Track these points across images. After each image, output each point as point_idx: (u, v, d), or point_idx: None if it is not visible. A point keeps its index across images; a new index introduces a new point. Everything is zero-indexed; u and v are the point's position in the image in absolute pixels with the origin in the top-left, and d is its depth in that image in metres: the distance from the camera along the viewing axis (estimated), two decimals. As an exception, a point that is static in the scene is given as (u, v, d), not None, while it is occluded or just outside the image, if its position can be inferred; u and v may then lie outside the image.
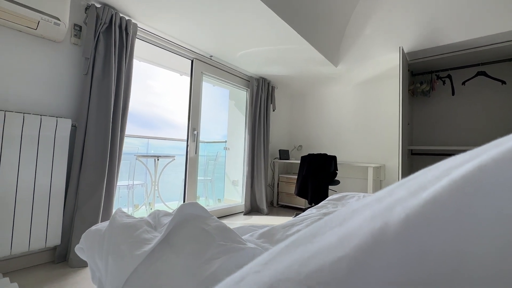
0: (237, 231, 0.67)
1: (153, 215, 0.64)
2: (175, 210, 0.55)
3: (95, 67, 1.84)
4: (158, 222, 0.60)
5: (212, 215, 0.58)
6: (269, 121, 3.64)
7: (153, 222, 0.59)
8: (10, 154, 1.50)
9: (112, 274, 0.44)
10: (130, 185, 2.73)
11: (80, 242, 0.61)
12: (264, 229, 0.61)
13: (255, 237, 0.58)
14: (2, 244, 1.47)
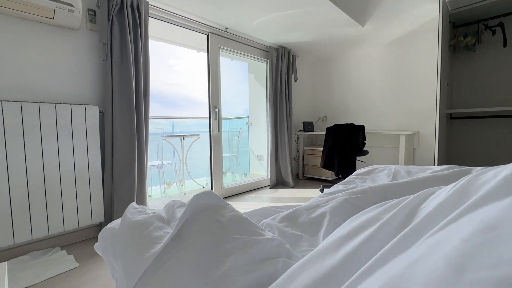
0: (260, 213, 0.66)
1: (168, 207, 0.63)
2: (188, 201, 0.54)
3: (113, 51, 1.86)
4: (172, 215, 0.59)
5: (228, 204, 0.57)
6: (291, 92, 3.50)
7: (167, 215, 0.59)
8: (50, 143, 1.62)
9: (121, 281, 0.45)
10: (160, 165, 2.88)
11: (98, 241, 0.64)
12: (287, 211, 0.59)
13: (277, 221, 0.57)
14: (56, 221, 1.66)
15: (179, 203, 0.63)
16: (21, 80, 1.59)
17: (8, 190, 1.49)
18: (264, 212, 0.67)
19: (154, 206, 2.61)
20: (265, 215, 0.64)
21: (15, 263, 1.51)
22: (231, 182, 3.51)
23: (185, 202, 0.62)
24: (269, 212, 0.66)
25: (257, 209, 0.69)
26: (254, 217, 0.63)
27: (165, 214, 0.59)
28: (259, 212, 0.67)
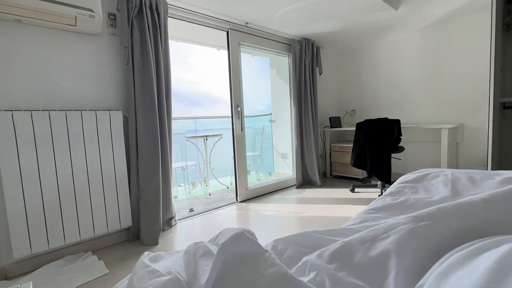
0: (298, 241, 0.55)
1: (188, 258, 0.51)
2: (217, 251, 0.44)
3: (134, 55, 1.84)
4: (193, 274, 0.48)
5: (267, 251, 0.45)
6: (316, 86, 3.32)
7: (187, 274, 0.48)
8: (77, 149, 1.64)
9: None
10: (184, 167, 2.87)
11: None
12: (336, 246, 0.47)
13: (324, 260, 0.45)
14: (87, 227, 1.69)
15: (203, 249, 0.52)
16: (47, 88, 1.61)
17: (41, 198, 1.53)
18: (303, 240, 0.55)
19: (180, 209, 2.61)
20: (306, 245, 0.53)
21: (52, 267, 1.55)
22: (256, 182, 3.43)
23: (210, 248, 0.52)
24: (309, 240, 0.55)
25: (294, 235, 0.58)
26: (292, 247, 0.52)
27: (185, 272, 0.49)
28: (297, 240, 0.56)
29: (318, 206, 2.47)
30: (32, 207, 1.50)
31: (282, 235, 0.61)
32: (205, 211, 2.49)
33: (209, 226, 2.12)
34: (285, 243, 0.54)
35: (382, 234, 0.48)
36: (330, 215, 2.22)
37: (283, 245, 0.53)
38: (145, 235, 1.85)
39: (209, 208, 2.55)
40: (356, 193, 2.84)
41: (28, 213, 1.50)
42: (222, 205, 2.65)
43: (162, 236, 1.96)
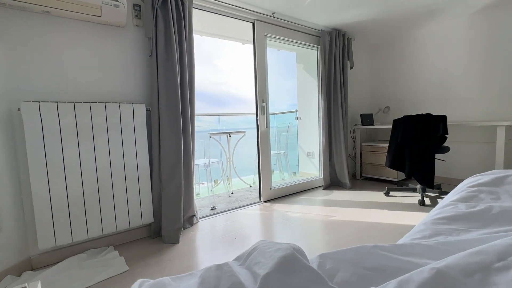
0: (358, 257, 0.40)
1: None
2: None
3: (158, 47, 1.79)
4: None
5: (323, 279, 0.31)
6: (346, 81, 3.09)
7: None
8: (101, 142, 1.62)
9: None
10: (207, 163, 2.81)
11: None
12: (422, 275, 0.31)
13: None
14: (109, 221, 1.67)
15: (229, 279, 0.37)
16: (73, 80, 1.61)
17: (65, 190, 1.53)
18: (361, 258, 0.40)
19: (202, 207, 2.55)
20: (366, 266, 0.37)
21: (75, 260, 1.54)
22: (280, 182, 3.28)
23: (241, 280, 0.38)
24: (370, 259, 0.40)
25: (347, 251, 0.43)
26: (345, 267, 0.37)
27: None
28: (352, 257, 0.41)
29: (349, 209, 2.27)
30: (57, 200, 1.50)
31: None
32: (228, 210, 2.40)
33: (232, 226, 2.02)
34: (335, 260, 0.40)
35: (497, 261, 0.32)
36: (364, 220, 2.01)
37: (333, 264, 0.39)
38: (166, 233, 1.79)
39: (231, 207, 2.46)
40: (392, 197, 2.58)
41: (53, 205, 1.50)
42: (244, 204, 2.54)
43: (183, 234, 1.89)
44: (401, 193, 2.69)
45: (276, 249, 0.37)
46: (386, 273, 0.36)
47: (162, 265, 1.49)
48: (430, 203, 2.33)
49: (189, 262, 1.52)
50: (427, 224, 0.56)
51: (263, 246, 0.40)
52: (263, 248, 0.39)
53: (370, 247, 0.43)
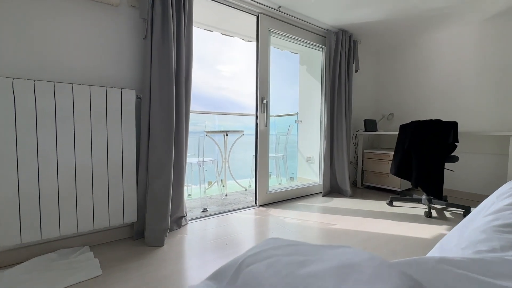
0: (421, 274, 0.27)
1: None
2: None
3: (153, 29, 1.64)
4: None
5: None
6: (351, 84, 2.97)
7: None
8: (82, 129, 1.45)
9: None
10: (201, 162, 2.64)
11: None
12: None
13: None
14: (86, 219, 1.49)
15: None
16: (55, 58, 1.45)
17: (37, 181, 1.35)
18: (428, 277, 0.26)
19: (193, 208, 2.37)
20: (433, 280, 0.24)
21: (43, 260, 1.35)
22: (277, 186, 3.12)
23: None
24: (442, 280, 0.25)
25: (401, 263, 0.28)
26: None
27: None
28: (415, 273, 0.26)
29: (351, 218, 2.11)
30: (26, 191, 1.32)
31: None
32: (220, 212, 2.22)
33: (224, 230, 1.85)
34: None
35: None
36: (367, 230, 1.85)
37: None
38: (150, 234, 1.61)
39: (224, 210, 2.28)
40: (395, 207, 2.43)
41: (22, 197, 1.31)
42: (239, 207, 2.37)
43: (169, 237, 1.71)
44: (405, 203, 2.53)
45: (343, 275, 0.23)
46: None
47: (142, 271, 1.30)
48: (437, 215, 2.18)
49: (173, 268, 1.34)
50: (487, 232, 0.42)
51: (282, 260, 0.25)
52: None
53: (433, 261, 0.28)
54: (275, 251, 0.30)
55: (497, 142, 2.51)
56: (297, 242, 0.35)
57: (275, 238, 0.36)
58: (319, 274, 0.22)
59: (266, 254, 0.30)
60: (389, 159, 2.91)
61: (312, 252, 0.28)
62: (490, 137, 2.56)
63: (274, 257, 0.27)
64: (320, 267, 0.24)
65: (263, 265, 0.26)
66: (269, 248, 0.31)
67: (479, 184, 2.65)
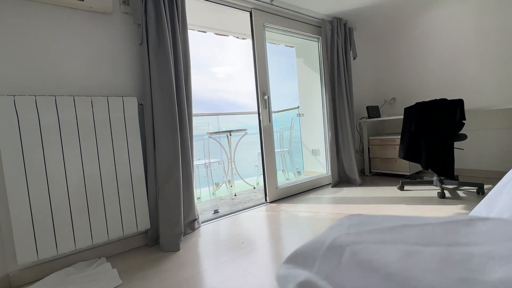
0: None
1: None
2: None
3: (149, 34, 1.63)
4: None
5: None
6: (350, 72, 2.94)
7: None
8: (87, 141, 1.44)
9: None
10: (207, 164, 2.63)
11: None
12: None
13: None
14: (100, 230, 1.48)
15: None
16: (54, 72, 1.44)
17: (48, 196, 1.34)
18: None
19: (204, 210, 2.36)
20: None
21: (60, 275, 1.35)
22: (286, 181, 3.10)
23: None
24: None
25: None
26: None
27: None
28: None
29: (363, 206, 2.09)
30: (38, 208, 1.31)
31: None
32: (232, 212, 2.21)
33: (237, 229, 1.84)
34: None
35: None
36: (382, 216, 1.83)
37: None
38: (165, 240, 1.60)
39: (235, 210, 2.27)
40: (407, 191, 2.40)
41: (34, 214, 1.31)
42: (249, 206, 2.36)
43: (184, 241, 1.70)
44: (416, 186, 2.51)
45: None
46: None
47: (161, 277, 1.29)
48: (450, 196, 2.15)
49: (192, 271, 1.33)
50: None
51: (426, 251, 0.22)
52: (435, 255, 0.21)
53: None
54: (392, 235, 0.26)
55: (505, 116, 2.48)
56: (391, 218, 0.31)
57: (359, 215, 0.33)
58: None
59: (376, 237, 0.26)
60: (396, 143, 2.88)
61: (456, 233, 0.23)
62: (497, 112, 2.52)
63: (400, 244, 0.23)
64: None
65: (391, 250, 0.22)
66: (375, 229, 0.27)
67: (490, 160, 2.61)
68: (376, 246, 0.23)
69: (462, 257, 0.17)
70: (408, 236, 0.23)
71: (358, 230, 0.28)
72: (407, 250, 0.21)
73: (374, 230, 0.26)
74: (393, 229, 0.26)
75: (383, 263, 0.20)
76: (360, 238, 0.25)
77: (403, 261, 0.19)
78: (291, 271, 0.19)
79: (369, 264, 0.21)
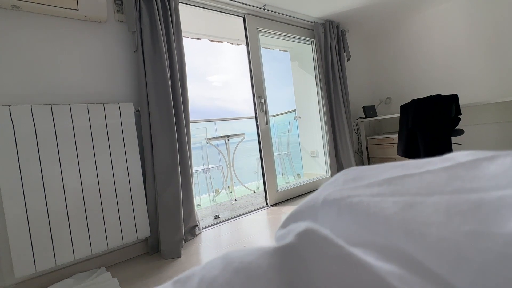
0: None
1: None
2: None
3: (143, 41, 1.64)
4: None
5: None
6: (345, 73, 2.98)
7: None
8: (85, 149, 1.43)
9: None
10: (206, 169, 2.62)
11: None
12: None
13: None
14: (99, 239, 1.45)
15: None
16: (50, 81, 1.44)
17: (45, 206, 1.32)
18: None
19: (204, 216, 2.34)
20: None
21: (60, 287, 1.32)
22: (286, 185, 3.09)
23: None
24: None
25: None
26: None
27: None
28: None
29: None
30: (35, 218, 1.29)
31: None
32: (232, 217, 2.19)
33: (239, 233, 1.81)
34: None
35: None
36: (384, 214, 1.82)
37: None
38: (166, 247, 1.57)
39: (236, 214, 2.25)
40: (408, 188, 2.40)
41: (31, 225, 1.28)
42: (250, 210, 2.34)
43: (185, 247, 1.68)
44: (417, 184, 2.51)
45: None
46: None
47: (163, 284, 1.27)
48: (451, 191, 2.15)
49: (194, 277, 1.30)
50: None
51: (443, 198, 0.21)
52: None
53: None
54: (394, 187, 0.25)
55: (500, 110, 2.50)
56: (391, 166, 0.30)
57: (355, 169, 0.32)
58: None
59: (370, 191, 0.26)
60: (394, 142, 2.89)
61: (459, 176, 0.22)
62: (492, 106, 2.55)
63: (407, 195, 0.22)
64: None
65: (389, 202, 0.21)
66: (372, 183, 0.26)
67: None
68: (373, 199, 0.22)
69: (469, 206, 0.17)
70: (408, 186, 0.23)
71: (353, 185, 0.27)
72: (407, 201, 0.20)
73: (371, 184, 0.26)
74: (391, 181, 0.25)
75: (382, 217, 0.20)
76: (355, 192, 0.25)
77: (404, 214, 0.19)
78: (289, 228, 0.19)
79: (366, 217, 0.21)
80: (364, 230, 0.22)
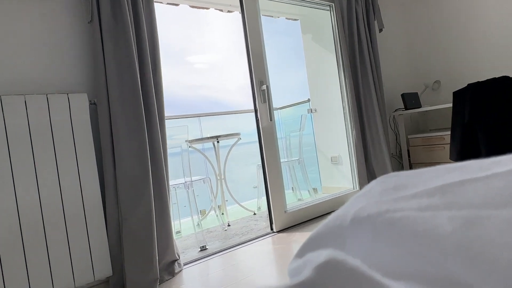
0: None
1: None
2: None
3: (101, 8, 1.67)
4: None
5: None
6: (376, 49, 3.01)
7: None
8: (20, 157, 1.44)
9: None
10: (188, 183, 2.62)
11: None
12: None
13: None
14: (41, 281, 1.45)
15: None
16: (-26, 64, 1.45)
17: (-34, 234, 1.32)
18: None
19: (186, 248, 2.33)
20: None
21: None
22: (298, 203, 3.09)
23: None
24: None
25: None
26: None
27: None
28: None
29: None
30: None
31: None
32: (225, 248, 2.19)
33: (234, 271, 1.81)
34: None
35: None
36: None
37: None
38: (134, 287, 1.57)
39: (230, 245, 2.25)
40: (465, 206, 2.41)
41: None
42: (250, 238, 2.34)
43: (161, 291, 1.68)
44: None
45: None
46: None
47: None
48: (525, 208, 2.16)
49: (173, 332, 1.30)
50: None
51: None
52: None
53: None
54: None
55: None
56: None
57: (395, 175, 0.33)
58: None
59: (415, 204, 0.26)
60: (445, 142, 2.91)
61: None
62: None
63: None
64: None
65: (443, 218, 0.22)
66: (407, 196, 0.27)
67: None
68: (421, 214, 0.23)
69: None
70: (469, 196, 0.23)
71: (394, 196, 0.28)
72: (468, 216, 0.20)
73: (418, 194, 0.26)
74: (446, 189, 0.26)
75: (434, 238, 0.20)
76: (397, 205, 0.25)
77: (464, 234, 0.19)
78: (306, 257, 0.19)
79: (412, 239, 0.21)
80: (410, 257, 0.23)
